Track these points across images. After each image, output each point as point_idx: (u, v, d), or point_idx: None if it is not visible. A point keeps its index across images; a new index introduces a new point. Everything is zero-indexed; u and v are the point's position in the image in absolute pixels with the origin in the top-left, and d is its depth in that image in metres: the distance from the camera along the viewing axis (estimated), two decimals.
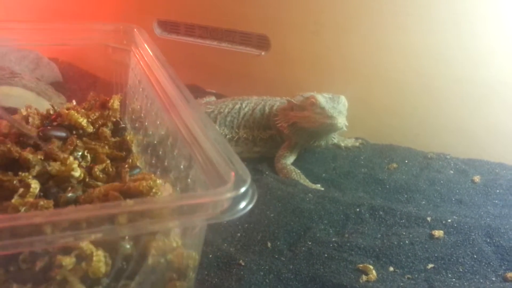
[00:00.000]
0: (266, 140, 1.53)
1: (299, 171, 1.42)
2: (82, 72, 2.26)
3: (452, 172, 1.45)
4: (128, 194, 0.81)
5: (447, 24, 1.43)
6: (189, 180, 0.86)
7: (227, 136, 1.54)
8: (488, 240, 1.11)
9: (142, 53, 1.19)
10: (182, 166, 0.90)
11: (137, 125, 1.20)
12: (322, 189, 1.36)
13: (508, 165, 1.48)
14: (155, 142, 1.06)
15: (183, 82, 1.96)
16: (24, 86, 1.57)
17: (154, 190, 0.82)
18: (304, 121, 1.39)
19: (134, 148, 1.10)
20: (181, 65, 1.99)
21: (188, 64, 1.96)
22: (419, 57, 1.50)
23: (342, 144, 1.61)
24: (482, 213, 1.22)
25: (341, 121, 1.32)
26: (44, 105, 1.32)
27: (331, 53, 1.62)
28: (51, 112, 1.13)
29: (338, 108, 1.33)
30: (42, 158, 0.90)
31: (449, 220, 1.17)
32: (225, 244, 1.11)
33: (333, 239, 1.12)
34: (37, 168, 0.88)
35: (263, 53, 1.76)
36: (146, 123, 1.14)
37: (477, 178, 1.38)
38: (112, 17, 2.04)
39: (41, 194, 0.83)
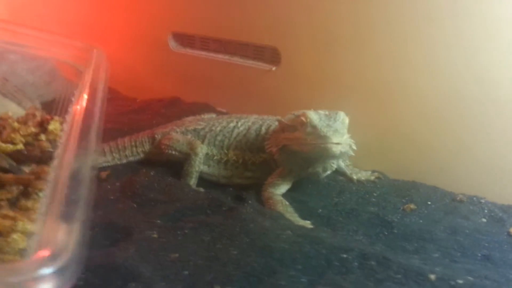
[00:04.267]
0: (259, 165, 1.31)
1: (287, 203, 1.18)
2: None
3: (484, 220, 1.13)
4: None
5: (487, 36, 1.15)
6: None
7: (215, 157, 1.34)
8: None
9: (90, 77, 1.08)
10: None
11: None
12: (311, 227, 1.11)
13: None
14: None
15: (196, 99, 1.85)
16: None
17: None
18: (294, 143, 1.15)
19: None
20: (194, 81, 1.85)
21: (201, 80, 1.81)
22: (449, 75, 1.22)
23: (355, 177, 1.35)
24: (511, 276, 0.91)
25: (337, 142, 1.07)
26: (8, 107, 1.21)
27: (346, 69, 1.39)
28: None
29: (333, 127, 1.08)
30: None
31: (460, 281, 0.86)
32: (163, 283, 0.90)
33: None
34: None
35: (274, 68, 1.56)
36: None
37: None
38: (125, 31, 1.96)
39: None
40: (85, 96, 1.01)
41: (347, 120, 1.13)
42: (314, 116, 1.10)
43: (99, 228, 1.09)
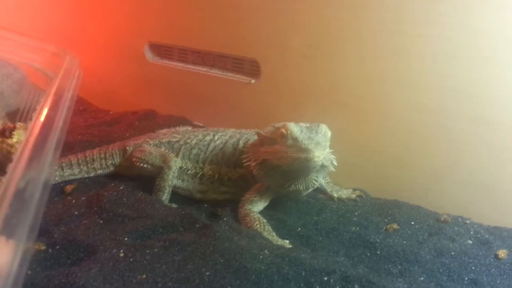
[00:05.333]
0: (236, 180, 1.24)
1: (265, 221, 1.11)
2: (76, 98, 2.11)
3: (470, 242, 1.08)
4: None
5: (470, 49, 1.12)
6: None
7: (190, 172, 1.26)
8: None
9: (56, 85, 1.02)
10: None
11: None
12: (289, 246, 1.04)
13: None
14: None
15: (172, 112, 1.78)
16: None
17: None
18: (274, 157, 1.09)
19: None
20: (171, 94, 1.78)
21: (178, 92, 1.74)
22: (434, 91, 1.18)
23: (335, 195, 1.29)
24: None
25: (319, 154, 1.01)
26: None
27: (327, 82, 1.34)
28: None
29: (315, 139, 1.02)
30: None
31: None
32: None
33: None
34: None
35: (253, 81, 1.51)
36: None
37: (503, 253, 1.02)
38: (99, 40, 1.88)
39: None
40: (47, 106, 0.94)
41: (329, 133, 1.07)
42: (295, 128, 1.04)
43: (60, 246, 1.01)
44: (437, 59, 1.16)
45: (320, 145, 1.02)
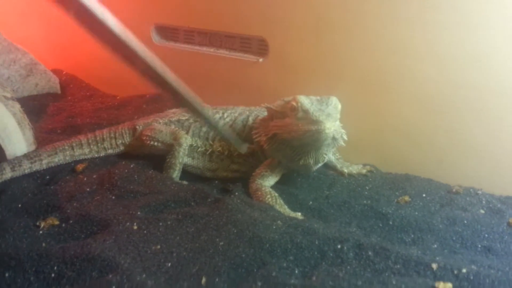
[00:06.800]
0: (246, 157, 1.24)
1: (276, 195, 1.11)
2: (83, 85, 2.12)
3: (482, 211, 1.08)
4: None
5: (485, 19, 1.11)
6: None
7: (200, 149, 1.26)
8: None
9: None
10: None
11: None
12: (302, 218, 1.04)
13: None
14: None
15: None
16: None
17: None
18: (284, 130, 1.08)
19: None
20: (179, 75, 1.78)
21: (186, 74, 1.71)
22: (444, 63, 1.18)
23: (346, 171, 1.29)
24: None
25: (330, 126, 1.00)
26: None
27: (336, 58, 1.34)
28: None
29: (326, 111, 1.02)
30: None
31: (464, 270, 0.81)
32: (144, 275, 0.82)
33: (293, 282, 0.80)
34: None
35: (261, 60, 1.50)
36: None
37: None
38: None
39: None
40: None
41: (339, 105, 1.07)
42: (306, 101, 1.04)
43: (73, 221, 1.01)
44: (447, 32, 1.15)
45: (331, 117, 1.02)
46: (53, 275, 0.83)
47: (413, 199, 1.15)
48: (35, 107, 1.78)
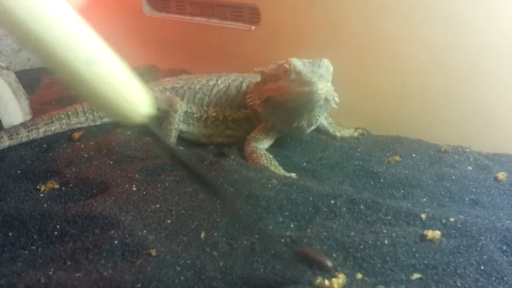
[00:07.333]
0: (241, 122, 1.27)
1: (271, 156, 1.14)
2: None
3: (470, 168, 1.12)
4: None
5: None
6: None
7: (195, 115, 1.29)
8: (504, 248, 0.79)
9: None
10: None
11: None
12: (296, 177, 1.08)
13: None
14: None
15: (172, 66, 1.78)
16: None
17: None
18: (278, 93, 1.11)
19: None
20: (170, 47, 1.79)
21: (178, 45, 1.75)
22: (430, 23, 1.20)
23: (338, 134, 1.32)
24: (501, 214, 0.90)
25: (323, 87, 1.03)
26: None
27: (327, 24, 1.35)
28: None
29: (318, 72, 1.04)
30: None
31: (452, 219, 0.85)
32: (145, 231, 0.85)
33: (288, 234, 0.83)
34: None
35: (253, 28, 1.51)
36: None
37: (502, 175, 1.05)
38: None
39: None
40: None
41: (331, 67, 1.09)
42: (298, 63, 1.06)
43: (73, 184, 1.04)
44: None
45: (323, 78, 1.04)
46: (56, 233, 0.86)
47: (403, 158, 1.18)
48: (29, 81, 1.78)
